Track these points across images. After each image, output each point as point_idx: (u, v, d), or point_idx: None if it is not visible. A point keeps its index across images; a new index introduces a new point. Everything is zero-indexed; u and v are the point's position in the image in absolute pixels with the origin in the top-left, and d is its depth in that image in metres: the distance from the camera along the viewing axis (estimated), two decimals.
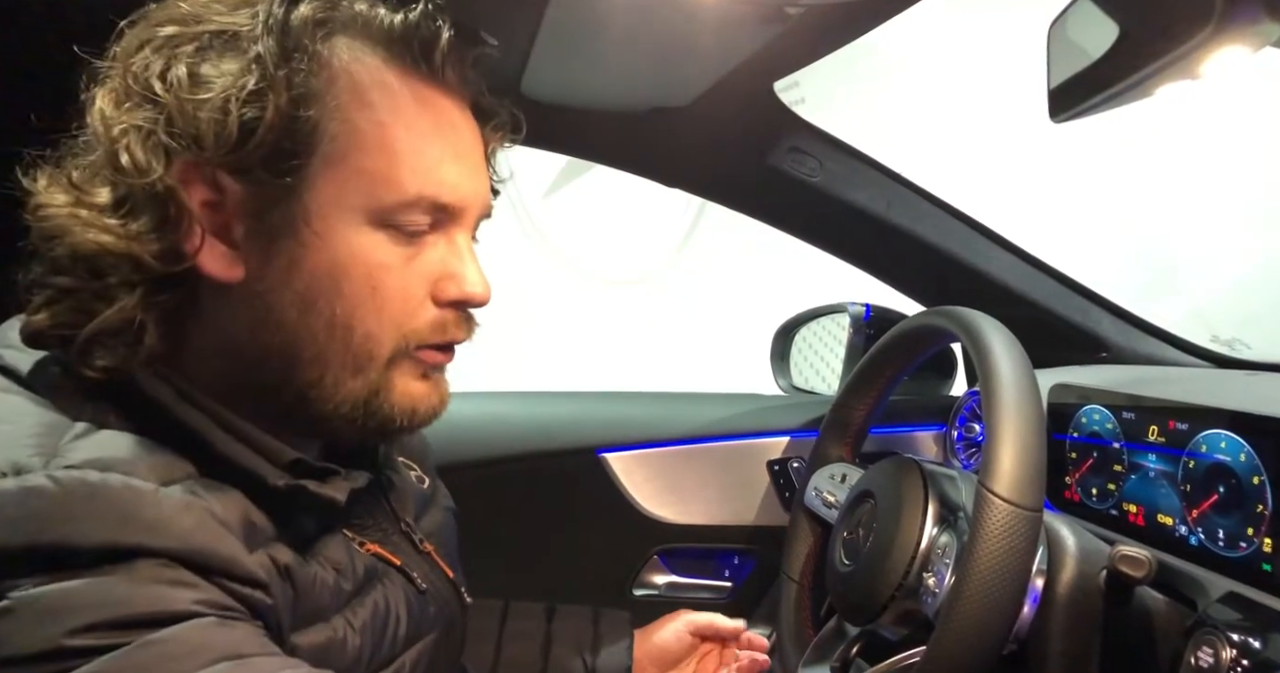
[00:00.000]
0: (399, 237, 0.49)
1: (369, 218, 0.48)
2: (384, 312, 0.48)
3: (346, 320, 0.48)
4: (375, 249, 0.48)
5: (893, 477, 0.74)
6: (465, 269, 0.51)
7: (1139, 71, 0.52)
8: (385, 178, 0.47)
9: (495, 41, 0.76)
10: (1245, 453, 0.64)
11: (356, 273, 0.47)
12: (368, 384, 0.49)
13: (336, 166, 0.47)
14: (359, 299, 0.48)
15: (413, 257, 0.49)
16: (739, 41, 0.74)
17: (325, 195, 0.47)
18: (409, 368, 0.51)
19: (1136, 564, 0.60)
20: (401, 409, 0.51)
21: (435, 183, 0.49)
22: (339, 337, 0.48)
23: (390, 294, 0.48)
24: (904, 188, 1.00)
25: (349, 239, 0.47)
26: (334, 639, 0.47)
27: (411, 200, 0.48)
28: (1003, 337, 0.66)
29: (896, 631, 0.68)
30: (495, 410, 1.18)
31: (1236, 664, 0.54)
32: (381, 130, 0.47)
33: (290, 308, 0.47)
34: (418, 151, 0.48)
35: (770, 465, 1.08)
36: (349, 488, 0.50)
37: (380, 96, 0.47)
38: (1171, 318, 1.04)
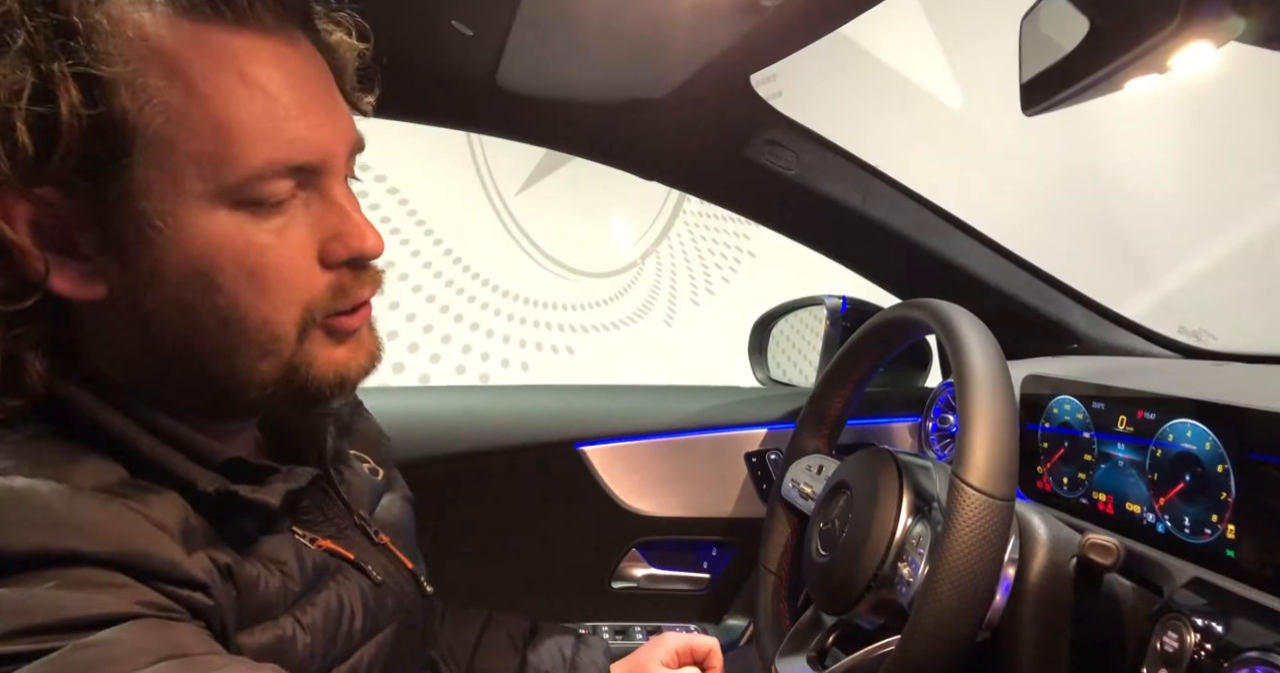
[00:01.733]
0: (261, 211, 0.44)
1: (220, 201, 0.43)
2: (271, 292, 0.45)
3: (233, 312, 0.44)
4: (238, 232, 0.43)
5: (868, 468, 0.74)
6: (346, 224, 0.47)
7: (1108, 65, 0.53)
8: (222, 156, 0.42)
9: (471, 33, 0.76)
10: (1210, 442, 0.65)
11: (225, 261, 0.43)
12: (282, 364, 0.46)
13: (165, 155, 0.41)
14: (238, 287, 0.44)
15: (285, 226, 0.45)
16: (715, 34, 0.74)
17: (162, 189, 0.42)
18: (322, 338, 0.48)
19: (1105, 552, 0.61)
20: (328, 379, 0.48)
21: (283, 145, 0.43)
22: (233, 329, 0.45)
23: (272, 272, 0.44)
24: (879, 181, 1.00)
25: (204, 228, 0.43)
26: (283, 638, 0.46)
27: (259, 172, 0.43)
28: (976, 329, 0.66)
29: (872, 620, 0.69)
30: (473, 404, 1.18)
31: (1200, 648, 0.55)
32: (201, 103, 0.42)
33: (169, 312, 0.44)
34: (250, 116, 0.42)
35: (748, 457, 1.08)
36: (284, 490, 0.48)
37: (188, 62, 0.41)
38: (1140, 310, 1.05)
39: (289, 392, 0.47)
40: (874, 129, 1.32)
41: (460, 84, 0.87)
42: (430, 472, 1.03)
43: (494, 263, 2.92)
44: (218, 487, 0.45)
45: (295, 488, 0.50)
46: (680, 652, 0.76)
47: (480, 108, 0.92)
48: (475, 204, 2.92)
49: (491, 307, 2.91)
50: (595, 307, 3.15)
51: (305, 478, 0.51)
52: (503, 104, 0.89)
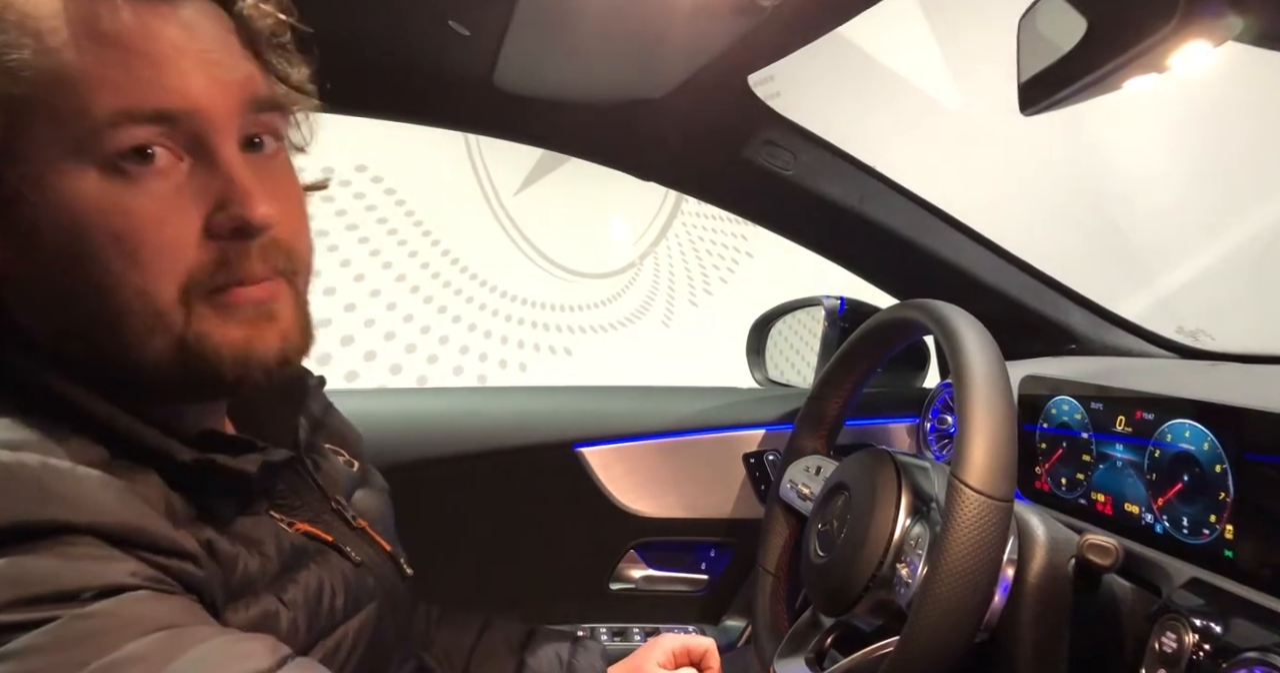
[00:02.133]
0: (128, 171, 0.42)
1: (88, 160, 0.41)
2: (143, 260, 0.42)
3: (107, 280, 0.42)
4: (106, 195, 0.42)
5: (867, 469, 0.74)
6: (231, 191, 0.44)
7: (1106, 65, 0.53)
8: (72, 108, 0.41)
9: (468, 33, 0.76)
10: (1209, 442, 0.65)
11: (94, 226, 0.42)
12: (173, 341, 0.44)
13: (22, 117, 0.41)
14: (108, 254, 0.42)
15: (162, 191, 0.43)
16: (713, 34, 0.74)
17: (25, 152, 0.41)
18: (214, 314, 0.45)
19: (1104, 553, 0.61)
20: (226, 360, 0.45)
21: (134, 92, 0.41)
22: (110, 299, 0.43)
23: (142, 239, 0.42)
24: (877, 182, 1.00)
25: (71, 191, 0.41)
26: (267, 613, 0.47)
27: (109, 119, 0.41)
28: (974, 329, 0.66)
29: (870, 621, 0.69)
30: (471, 405, 1.17)
31: (1199, 649, 0.55)
32: (49, 57, 0.41)
33: (53, 283, 0.43)
34: (98, 65, 0.41)
35: (746, 458, 1.08)
36: (261, 460, 0.48)
37: (40, 20, 0.41)
38: (1138, 310, 1.05)
39: (187, 373, 0.45)
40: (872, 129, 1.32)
41: (457, 84, 0.87)
42: (428, 473, 1.03)
43: (492, 264, 2.92)
44: (194, 456, 0.45)
45: (273, 462, 0.50)
46: (677, 653, 0.76)
47: (477, 108, 0.92)
48: (473, 205, 2.92)
49: (489, 308, 2.91)
50: (593, 308, 3.15)
51: (281, 454, 0.51)
52: (500, 105, 0.89)
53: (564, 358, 3.02)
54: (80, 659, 0.35)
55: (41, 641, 0.35)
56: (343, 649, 0.52)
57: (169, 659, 0.36)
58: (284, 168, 0.50)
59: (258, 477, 0.48)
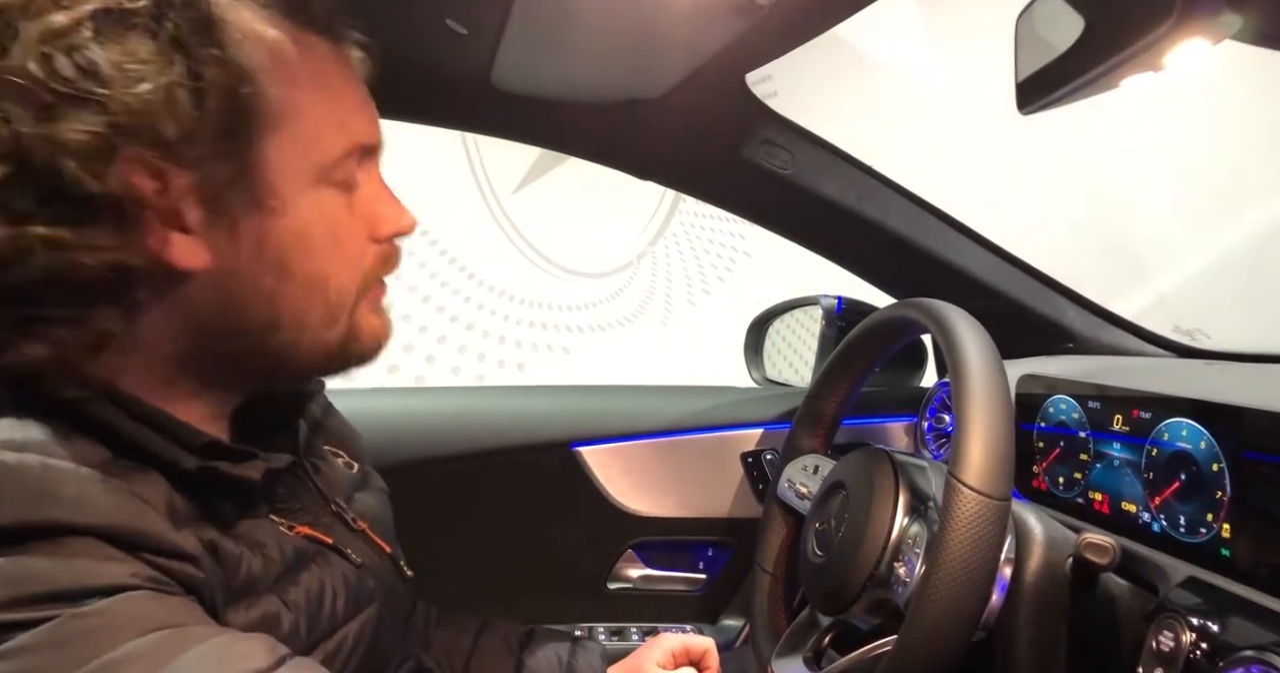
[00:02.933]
0: (341, 187, 0.51)
1: (316, 177, 0.49)
2: (346, 260, 0.52)
3: (320, 278, 0.50)
4: (329, 205, 0.50)
5: (864, 468, 0.74)
6: (395, 205, 0.55)
7: (1103, 63, 0.53)
8: (320, 137, 0.49)
9: (465, 32, 0.76)
10: (1206, 440, 0.65)
11: (319, 231, 0.50)
12: (340, 332, 0.52)
13: (277, 136, 0.47)
14: (326, 255, 0.50)
15: (351, 203, 0.52)
16: (711, 33, 0.73)
17: (275, 166, 0.47)
18: (366, 307, 0.54)
19: (1101, 552, 0.61)
20: (371, 345, 0.55)
21: (358, 131, 0.51)
22: (315, 294, 0.50)
23: (347, 243, 0.52)
24: (875, 181, 1.00)
25: (306, 202, 0.49)
26: (269, 614, 0.47)
27: (347, 153, 0.50)
28: (972, 328, 0.66)
29: (868, 620, 0.69)
30: (469, 405, 1.17)
31: (1196, 648, 0.55)
32: (303, 92, 0.48)
33: (265, 279, 0.49)
34: (334, 105, 0.50)
35: (744, 458, 1.08)
36: (265, 468, 0.50)
37: (292, 58, 0.48)
38: (1135, 309, 1.05)
39: (345, 355, 0.54)
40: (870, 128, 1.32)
41: (454, 83, 0.87)
42: (426, 473, 1.03)
43: (490, 263, 2.92)
44: (198, 464, 0.46)
45: (276, 468, 0.51)
46: (676, 653, 0.76)
47: (475, 107, 0.92)
48: (470, 204, 2.92)
49: (487, 307, 2.91)
50: (591, 307, 3.14)
51: (283, 461, 0.53)
52: (497, 104, 0.88)
53: (562, 357, 3.01)
54: (79, 658, 0.36)
55: (39, 639, 0.36)
56: (343, 651, 0.52)
57: (168, 658, 0.37)
58: None
59: (260, 483, 0.49)
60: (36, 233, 0.42)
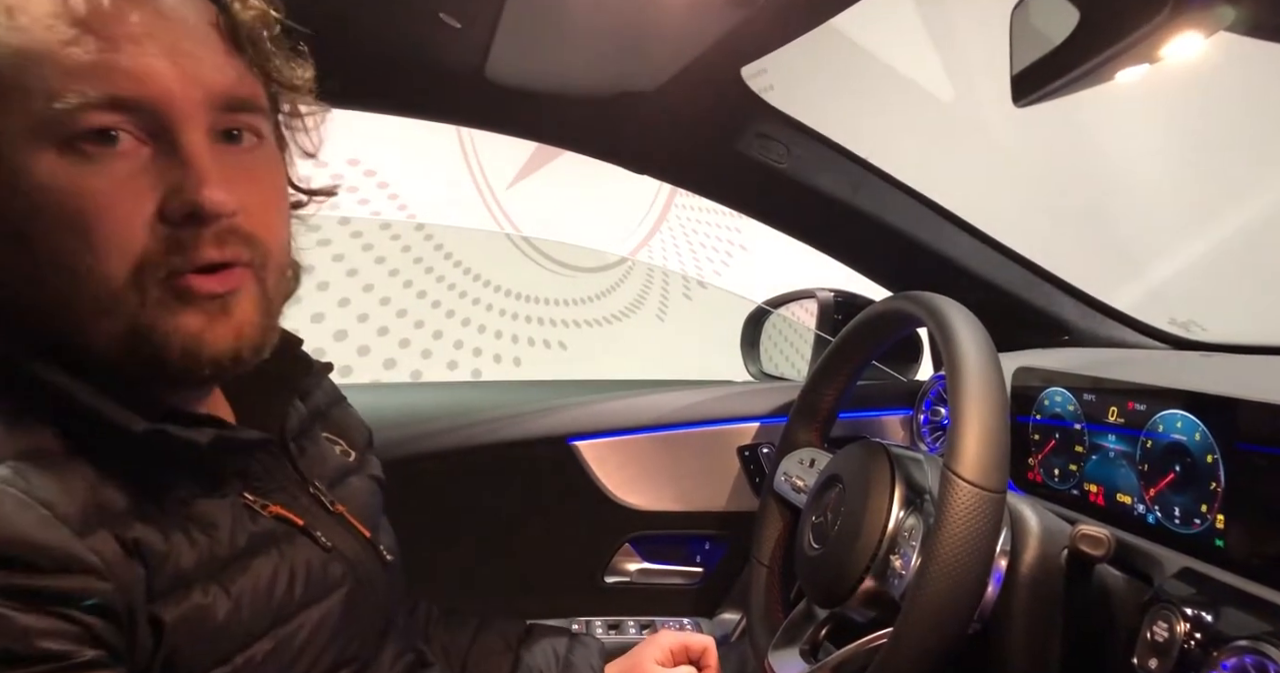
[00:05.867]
0: (88, 152, 0.43)
1: (49, 140, 0.42)
2: (96, 239, 0.43)
3: (62, 258, 0.43)
4: (64, 173, 0.42)
5: (860, 461, 0.74)
6: (185, 177, 0.44)
7: (1098, 56, 0.53)
8: (37, 87, 0.42)
9: (459, 25, 0.75)
10: (1200, 432, 0.65)
11: (52, 203, 0.43)
12: (123, 326, 0.44)
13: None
14: (65, 232, 0.43)
15: (121, 173, 0.43)
16: (705, 25, 0.73)
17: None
18: (169, 301, 0.45)
19: (1096, 543, 0.61)
20: (180, 350, 0.45)
21: (101, 76, 0.42)
22: (64, 278, 0.43)
23: (97, 218, 0.43)
24: (870, 174, 1.00)
25: (31, 169, 0.42)
26: (201, 606, 0.46)
27: (81, 104, 0.42)
28: (967, 321, 0.67)
29: (864, 612, 0.69)
30: (465, 400, 1.17)
31: (1190, 638, 0.55)
32: (26, 35, 0.42)
33: (14, 256, 0.43)
34: (66, 47, 0.42)
35: (740, 451, 1.08)
36: (215, 434, 0.47)
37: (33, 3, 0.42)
38: (1130, 301, 1.06)
39: (134, 358, 0.45)
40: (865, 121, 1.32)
41: (448, 77, 0.87)
42: (423, 467, 1.03)
43: (485, 258, 2.91)
44: (145, 427, 0.44)
45: (231, 437, 0.49)
46: (675, 650, 0.76)
47: (469, 101, 0.92)
48: (466, 199, 2.91)
49: (483, 302, 2.90)
50: (587, 301, 3.14)
51: (248, 435, 0.51)
52: (491, 97, 0.88)
53: (559, 352, 3.01)
54: None
55: None
56: (299, 638, 0.51)
57: None
58: (262, 163, 0.50)
59: (214, 452, 0.47)
60: None
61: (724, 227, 3.41)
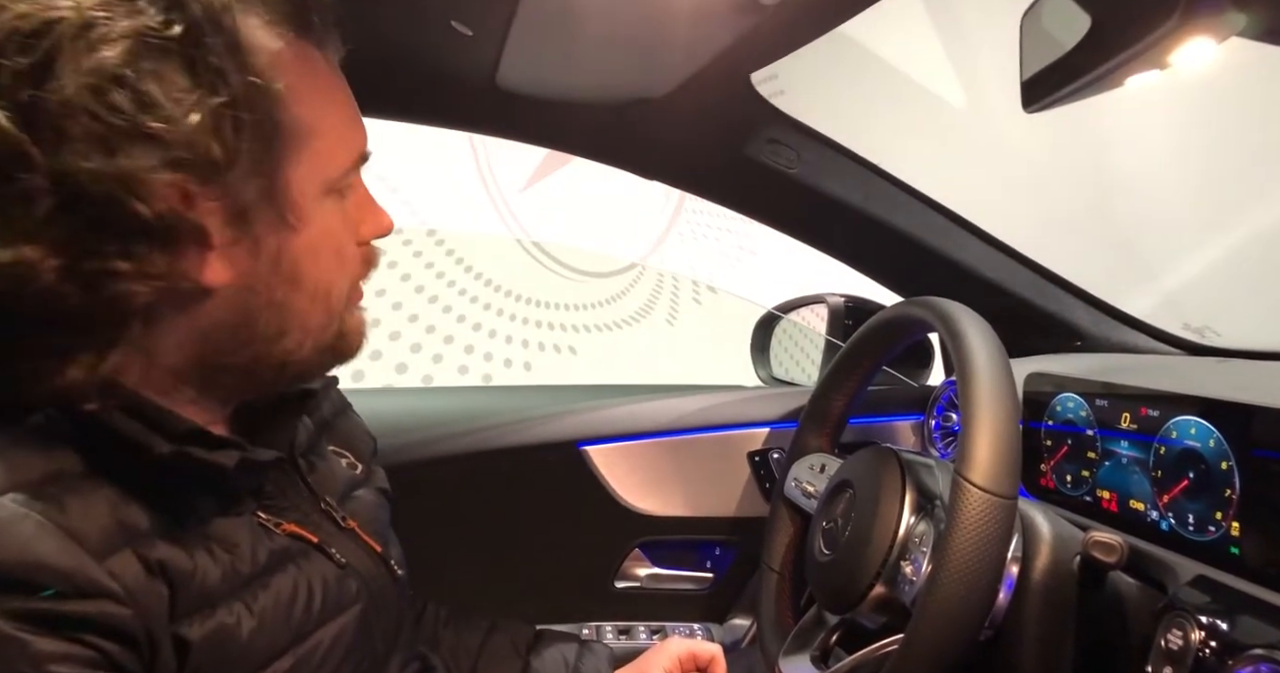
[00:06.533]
0: (341, 197, 0.53)
1: (326, 191, 0.51)
2: (344, 266, 0.54)
3: (325, 285, 0.52)
4: (334, 217, 0.52)
5: (871, 466, 0.74)
6: (376, 207, 0.56)
7: (1109, 61, 0.53)
8: (331, 152, 0.50)
9: (470, 33, 0.76)
10: (1214, 439, 0.65)
11: (327, 243, 0.51)
12: (334, 328, 0.54)
13: (296, 153, 0.48)
14: (331, 265, 0.52)
15: (346, 210, 0.54)
16: (715, 32, 0.73)
17: (295, 184, 0.49)
18: (352, 307, 0.56)
19: (1109, 550, 0.61)
20: (357, 341, 0.57)
21: (359, 142, 0.53)
22: (320, 303, 0.52)
23: (346, 250, 0.54)
24: (881, 179, 1.00)
25: (320, 216, 0.51)
26: (225, 625, 0.47)
27: (354, 166, 0.53)
28: (978, 327, 0.66)
29: (875, 619, 0.69)
30: (476, 405, 1.18)
31: (1205, 646, 0.55)
32: (314, 108, 0.49)
33: (278, 291, 0.50)
34: (340, 118, 0.52)
35: (751, 457, 1.08)
36: (239, 456, 0.49)
37: (302, 74, 0.48)
38: (1144, 306, 1.05)
39: (334, 352, 0.55)
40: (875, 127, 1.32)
41: (460, 85, 0.87)
42: (433, 472, 1.04)
43: (496, 263, 2.92)
44: (172, 449, 0.46)
45: (255, 460, 0.51)
46: (683, 659, 0.76)
47: (480, 108, 0.93)
48: (477, 204, 2.92)
49: (494, 307, 2.91)
50: (598, 306, 3.15)
51: (267, 455, 0.52)
52: (502, 104, 0.89)
53: (569, 357, 3.02)
54: None
55: None
56: (317, 654, 0.52)
57: None
58: None
59: (235, 474, 0.49)
60: (94, 266, 0.42)
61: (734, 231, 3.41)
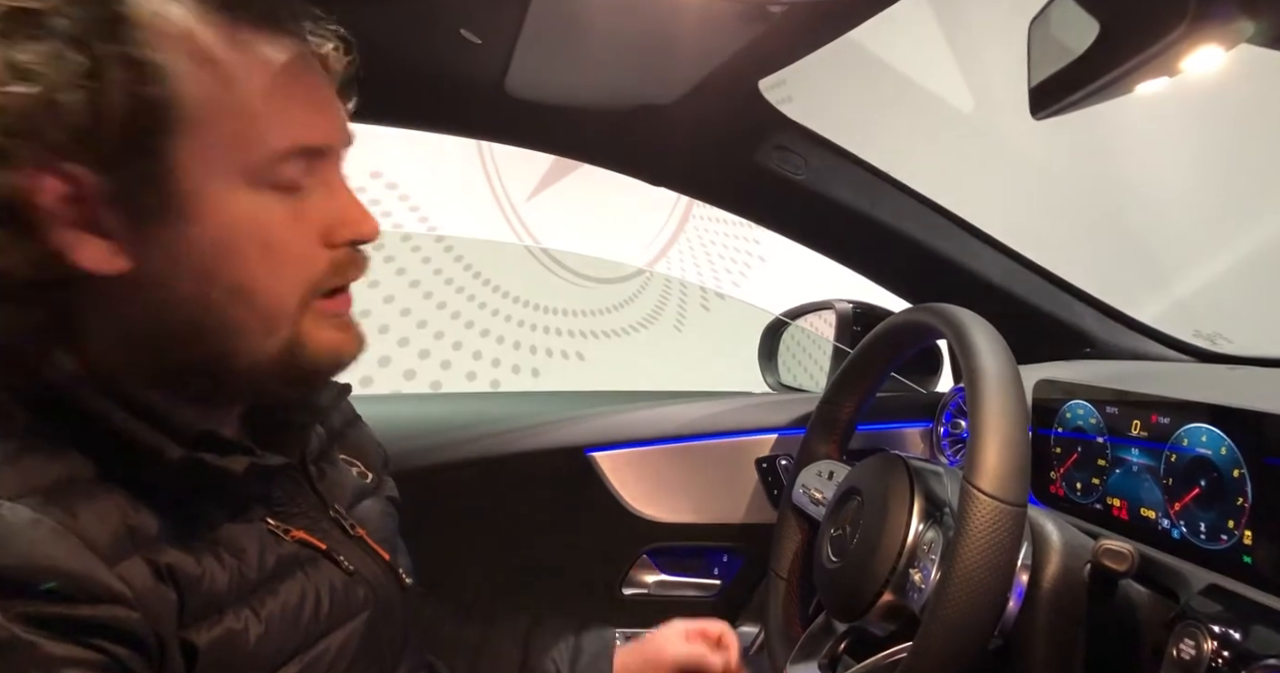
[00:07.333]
0: (279, 191, 0.48)
1: (245, 180, 0.47)
2: (282, 268, 0.48)
3: (247, 285, 0.47)
4: (262, 210, 0.47)
5: (879, 474, 0.74)
6: (351, 209, 0.51)
7: (1118, 68, 0.52)
8: (250, 137, 0.46)
9: (479, 41, 0.76)
10: (1226, 446, 0.64)
11: (246, 237, 0.47)
12: (281, 341, 0.49)
13: (198, 136, 0.45)
14: (254, 262, 0.47)
15: (297, 206, 0.49)
16: (722, 39, 0.74)
17: (194, 168, 0.45)
18: (316, 318, 0.51)
19: (1119, 558, 0.61)
20: (322, 359, 0.52)
21: (298, 129, 0.48)
22: (241, 302, 0.48)
23: (285, 249, 0.48)
24: (888, 185, 1.00)
25: (231, 206, 0.46)
26: (233, 630, 0.47)
27: (283, 153, 0.47)
28: (987, 333, 0.66)
29: (884, 626, 0.68)
30: (484, 410, 1.18)
31: (1218, 656, 0.54)
32: (230, 89, 0.45)
33: (186, 285, 0.47)
34: (272, 102, 0.47)
35: (758, 463, 1.08)
36: (249, 462, 0.49)
37: (219, 52, 0.45)
38: (1154, 313, 1.04)
39: (288, 370, 0.50)
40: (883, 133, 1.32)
41: (469, 92, 0.88)
42: (441, 478, 1.04)
43: (504, 269, 2.93)
44: (183, 454, 0.46)
45: (265, 466, 0.50)
46: (690, 633, 0.77)
47: (489, 115, 0.93)
48: (486, 211, 2.94)
49: (502, 313, 2.92)
50: (605, 312, 3.15)
51: (276, 461, 0.52)
52: (511, 111, 0.89)
53: (576, 362, 3.02)
54: None
55: None
56: (323, 662, 0.52)
57: None
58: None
59: (245, 479, 0.49)
60: None
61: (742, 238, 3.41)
